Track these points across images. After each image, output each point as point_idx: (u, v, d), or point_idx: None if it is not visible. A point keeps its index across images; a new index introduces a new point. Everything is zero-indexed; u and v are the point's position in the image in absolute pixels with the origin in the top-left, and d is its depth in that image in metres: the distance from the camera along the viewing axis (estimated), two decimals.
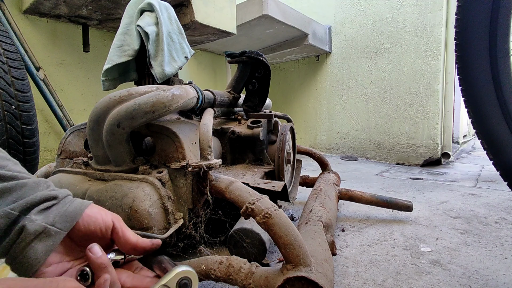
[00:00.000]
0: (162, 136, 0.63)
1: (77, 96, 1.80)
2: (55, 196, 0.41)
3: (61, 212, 0.40)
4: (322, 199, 0.87)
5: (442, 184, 1.59)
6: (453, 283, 0.64)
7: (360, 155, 2.59)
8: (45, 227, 0.38)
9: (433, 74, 2.13)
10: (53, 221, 0.39)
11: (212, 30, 1.68)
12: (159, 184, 0.57)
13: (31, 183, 0.40)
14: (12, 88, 1.00)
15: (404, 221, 1.01)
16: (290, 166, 1.08)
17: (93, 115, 0.59)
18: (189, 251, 0.75)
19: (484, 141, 0.90)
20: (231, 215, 0.74)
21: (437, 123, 2.14)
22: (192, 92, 0.67)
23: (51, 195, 0.41)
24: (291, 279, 0.46)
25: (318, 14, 2.77)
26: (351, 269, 0.70)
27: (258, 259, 0.63)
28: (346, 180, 1.72)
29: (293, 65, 3.08)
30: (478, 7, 0.83)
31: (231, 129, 0.91)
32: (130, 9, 0.88)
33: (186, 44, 0.93)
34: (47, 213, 0.39)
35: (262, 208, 0.51)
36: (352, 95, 2.62)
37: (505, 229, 0.94)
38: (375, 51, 2.44)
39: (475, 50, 0.85)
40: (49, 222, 0.38)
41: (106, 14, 1.60)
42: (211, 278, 0.53)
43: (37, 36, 1.63)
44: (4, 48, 1.02)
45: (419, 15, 2.18)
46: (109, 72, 0.86)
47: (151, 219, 0.53)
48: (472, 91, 0.88)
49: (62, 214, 0.40)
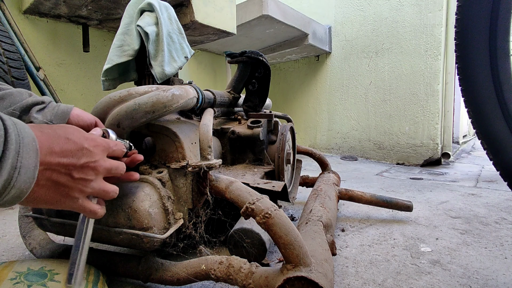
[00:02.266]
0: (162, 136, 0.63)
1: (77, 96, 1.80)
2: (42, 100, 0.50)
3: (54, 112, 0.50)
4: (322, 199, 0.87)
5: (442, 184, 1.59)
6: (453, 283, 0.64)
7: (360, 155, 2.59)
8: (47, 123, 0.47)
9: (433, 74, 2.13)
10: (50, 119, 0.49)
11: (212, 30, 1.68)
12: (159, 184, 0.57)
13: (15, 92, 0.48)
14: None
15: (404, 221, 1.01)
16: (290, 166, 1.08)
17: (93, 115, 0.59)
18: (189, 251, 0.75)
19: (484, 141, 0.90)
20: (231, 215, 0.74)
21: (437, 123, 2.14)
22: (192, 92, 0.67)
23: (39, 100, 0.50)
24: (291, 279, 0.46)
25: (318, 14, 2.77)
26: (351, 269, 0.70)
27: (258, 259, 0.64)
28: (346, 180, 1.72)
29: (293, 65, 3.08)
30: (478, 7, 0.83)
31: (231, 129, 0.91)
32: (130, 9, 0.88)
33: (186, 44, 0.93)
34: (43, 113, 0.49)
35: (262, 208, 0.51)
36: (352, 95, 2.62)
37: (505, 229, 0.94)
38: (375, 51, 2.44)
39: (475, 50, 0.85)
40: (47, 119, 0.48)
41: (106, 14, 1.60)
42: (211, 278, 0.53)
43: (37, 36, 1.63)
44: (4, 48, 1.02)
45: (419, 15, 2.18)
46: (109, 72, 0.86)
47: (151, 219, 0.53)
48: (472, 91, 0.88)
49: (55, 114, 0.50)
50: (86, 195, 0.41)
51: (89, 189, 0.41)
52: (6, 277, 0.47)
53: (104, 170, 0.43)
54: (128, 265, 0.60)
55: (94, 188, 0.42)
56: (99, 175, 0.42)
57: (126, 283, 0.64)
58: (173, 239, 0.60)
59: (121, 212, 0.54)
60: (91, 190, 0.41)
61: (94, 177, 0.41)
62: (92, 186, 0.41)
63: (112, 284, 0.63)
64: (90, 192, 0.41)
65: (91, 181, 0.41)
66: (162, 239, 0.53)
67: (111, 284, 0.63)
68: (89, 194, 0.42)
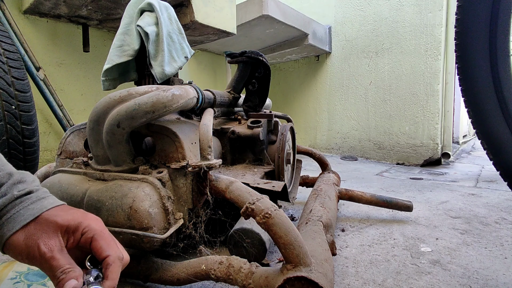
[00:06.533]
0: (162, 136, 0.63)
1: (77, 96, 1.80)
2: (24, 193, 0.39)
3: (15, 211, 0.38)
4: (322, 199, 0.87)
5: (442, 184, 1.59)
6: (453, 283, 0.64)
7: (360, 155, 2.59)
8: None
9: (433, 74, 2.13)
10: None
11: (212, 30, 1.68)
12: (159, 184, 0.57)
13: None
14: (12, 88, 1.00)
15: (404, 221, 1.01)
16: (290, 166, 1.08)
17: (93, 115, 0.59)
18: (189, 251, 0.75)
19: (484, 141, 0.90)
20: (231, 215, 0.74)
21: (437, 123, 2.13)
22: (192, 92, 0.67)
23: (18, 193, 0.39)
24: (291, 279, 0.46)
25: (318, 14, 2.77)
26: (351, 269, 0.70)
27: (258, 259, 0.64)
28: (346, 180, 1.72)
29: (293, 65, 3.08)
30: (478, 7, 0.83)
31: (231, 129, 0.91)
32: (130, 9, 0.88)
33: (186, 44, 0.93)
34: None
35: (262, 208, 0.51)
36: (352, 95, 2.62)
37: (505, 229, 0.94)
38: (375, 51, 2.44)
39: (475, 50, 0.85)
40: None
41: (106, 14, 1.60)
42: (211, 278, 0.53)
43: (37, 36, 1.63)
44: (4, 48, 1.02)
45: (419, 15, 2.18)
46: (109, 72, 0.86)
47: (151, 219, 0.53)
48: (472, 91, 0.88)
49: (14, 216, 0.38)
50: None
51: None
52: (6, 276, 0.47)
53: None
54: (128, 265, 0.60)
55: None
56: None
57: (126, 283, 0.64)
58: (173, 239, 0.60)
59: (121, 212, 0.54)
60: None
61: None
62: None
63: None
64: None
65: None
66: (162, 239, 0.53)
67: None
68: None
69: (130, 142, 0.61)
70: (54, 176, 0.65)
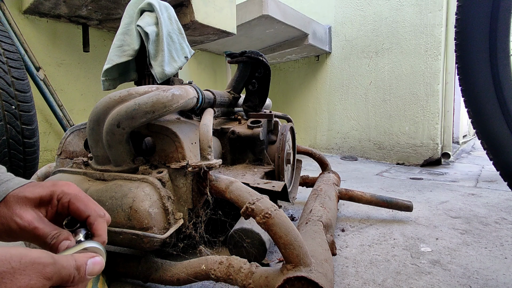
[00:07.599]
0: (162, 136, 0.63)
1: (77, 96, 1.80)
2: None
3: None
4: (322, 199, 0.87)
5: (442, 184, 1.59)
6: (453, 283, 0.64)
7: (360, 155, 2.59)
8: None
9: (433, 74, 2.13)
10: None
11: (212, 30, 1.68)
12: (159, 184, 0.57)
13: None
14: (12, 88, 1.00)
15: (404, 221, 1.01)
16: (290, 166, 1.08)
17: (93, 115, 0.59)
18: (189, 251, 0.75)
19: (484, 141, 0.90)
20: (231, 215, 0.74)
21: (437, 123, 2.13)
22: (192, 92, 0.67)
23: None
24: (291, 279, 0.46)
25: (318, 14, 2.77)
26: (351, 269, 0.70)
27: (258, 259, 0.64)
28: (346, 180, 1.72)
29: (293, 65, 3.08)
30: (478, 7, 0.83)
31: (231, 129, 0.91)
32: (130, 9, 0.88)
33: (186, 44, 0.93)
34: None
35: (262, 208, 0.51)
36: (352, 95, 2.62)
37: (505, 229, 0.94)
38: (375, 51, 2.44)
39: (475, 50, 0.85)
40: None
41: (106, 14, 1.60)
42: (211, 278, 0.53)
43: (37, 36, 1.63)
44: (4, 48, 1.02)
45: (419, 15, 2.18)
46: (109, 72, 0.86)
47: (151, 219, 0.53)
48: (472, 91, 0.88)
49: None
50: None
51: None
52: None
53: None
54: (128, 265, 0.60)
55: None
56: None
57: (126, 283, 0.64)
58: (173, 239, 0.60)
59: (121, 212, 0.54)
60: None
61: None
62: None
63: (112, 284, 0.63)
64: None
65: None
66: (162, 239, 0.53)
67: (111, 284, 0.63)
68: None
69: (130, 142, 0.61)
70: (54, 176, 0.65)
